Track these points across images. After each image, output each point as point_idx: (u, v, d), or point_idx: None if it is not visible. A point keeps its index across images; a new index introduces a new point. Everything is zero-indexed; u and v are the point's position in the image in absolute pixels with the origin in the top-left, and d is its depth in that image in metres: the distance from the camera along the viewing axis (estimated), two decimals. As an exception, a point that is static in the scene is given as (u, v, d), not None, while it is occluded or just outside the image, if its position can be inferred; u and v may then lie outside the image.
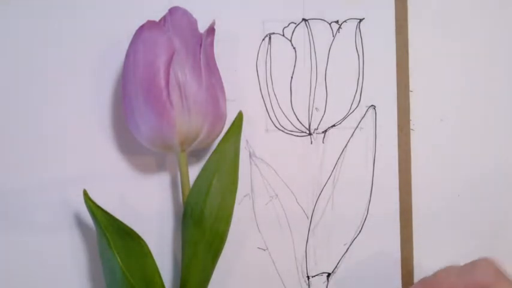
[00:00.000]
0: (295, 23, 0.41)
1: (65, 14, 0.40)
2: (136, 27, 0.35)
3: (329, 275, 0.41)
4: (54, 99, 0.40)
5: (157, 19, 0.35)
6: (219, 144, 0.38)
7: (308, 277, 0.40)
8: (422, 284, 0.34)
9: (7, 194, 0.39)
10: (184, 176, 0.37)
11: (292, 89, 0.41)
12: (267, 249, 0.40)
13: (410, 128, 0.41)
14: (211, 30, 0.36)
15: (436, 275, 0.35)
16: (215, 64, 0.37)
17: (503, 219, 0.42)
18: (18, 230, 0.39)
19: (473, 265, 0.33)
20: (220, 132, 0.38)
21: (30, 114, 0.40)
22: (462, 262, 0.35)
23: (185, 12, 0.36)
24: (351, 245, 0.41)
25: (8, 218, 0.39)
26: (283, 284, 0.40)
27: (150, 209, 0.40)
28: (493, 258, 0.34)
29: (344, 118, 0.41)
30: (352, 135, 0.41)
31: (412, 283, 0.41)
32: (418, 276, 0.41)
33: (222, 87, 0.37)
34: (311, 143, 0.41)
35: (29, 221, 0.39)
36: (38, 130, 0.40)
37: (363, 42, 0.41)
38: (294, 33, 0.41)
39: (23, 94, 0.40)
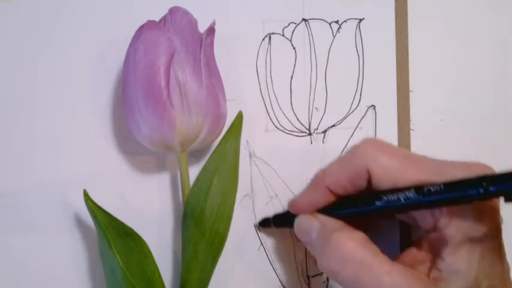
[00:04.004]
0: (295, 23, 0.41)
1: (64, 14, 0.40)
2: (137, 27, 0.35)
3: (329, 275, 0.41)
4: (54, 99, 0.40)
5: (157, 19, 0.35)
6: (219, 144, 0.38)
7: (308, 277, 0.40)
8: (312, 182, 0.34)
9: (7, 194, 0.39)
10: (184, 176, 0.37)
11: (292, 89, 0.41)
12: (267, 249, 0.40)
13: (410, 128, 0.41)
14: (211, 30, 0.36)
15: (323, 169, 0.34)
16: (215, 64, 0.37)
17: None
18: (18, 230, 0.39)
19: (352, 150, 0.32)
20: (220, 132, 0.38)
21: (30, 114, 0.40)
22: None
23: (185, 12, 0.36)
24: (351, 245, 0.41)
25: (8, 218, 0.39)
26: (283, 284, 0.40)
27: (150, 209, 0.40)
28: (376, 139, 0.33)
29: (344, 118, 0.41)
30: (352, 135, 0.41)
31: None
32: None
33: (222, 87, 0.37)
34: (311, 143, 0.41)
35: (29, 221, 0.39)
36: (38, 130, 0.39)
37: (363, 42, 0.41)
38: (294, 33, 0.41)
39: (23, 94, 0.40)
